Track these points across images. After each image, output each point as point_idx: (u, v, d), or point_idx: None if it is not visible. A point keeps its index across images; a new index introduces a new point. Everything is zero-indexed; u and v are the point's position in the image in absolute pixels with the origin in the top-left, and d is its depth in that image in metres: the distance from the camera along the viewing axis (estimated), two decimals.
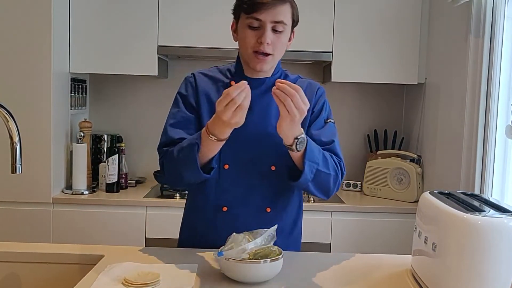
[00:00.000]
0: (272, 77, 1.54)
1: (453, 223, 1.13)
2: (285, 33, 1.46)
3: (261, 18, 1.41)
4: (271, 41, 1.43)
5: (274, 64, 1.53)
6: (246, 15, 1.44)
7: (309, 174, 1.41)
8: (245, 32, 1.45)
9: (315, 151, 1.41)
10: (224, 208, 1.53)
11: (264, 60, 1.46)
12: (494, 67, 2.10)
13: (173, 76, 3.13)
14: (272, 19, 1.42)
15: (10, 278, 1.47)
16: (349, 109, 3.20)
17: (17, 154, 1.31)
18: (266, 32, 1.42)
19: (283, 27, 1.44)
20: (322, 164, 1.43)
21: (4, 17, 2.52)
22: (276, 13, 1.41)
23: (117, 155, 2.75)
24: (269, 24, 1.42)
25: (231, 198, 1.52)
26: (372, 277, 1.36)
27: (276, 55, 1.48)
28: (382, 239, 2.62)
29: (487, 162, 2.12)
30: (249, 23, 1.44)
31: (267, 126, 1.49)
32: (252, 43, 1.44)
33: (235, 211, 1.52)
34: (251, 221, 1.48)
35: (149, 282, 1.21)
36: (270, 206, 1.54)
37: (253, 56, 1.46)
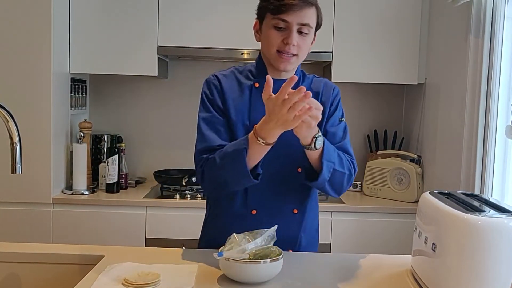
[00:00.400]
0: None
1: (453, 223, 1.13)
2: (310, 36, 1.49)
3: (288, 19, 1.43)
4: (296, 43, 1.45)
5: (297, 65, 1.55)
6: (273, 16, 1.45)
7: (326, 174, 1.42)
8: (270, 33, 1.46)
9: (331, 151, 1.43)
10: (253, 211, 1.52)
11: (288, 60, 1.48)
12: (494, 67, 2.10)
13: (173, 77, 3.13)
14: (298, 21, 1.43)
15: (10, 279, 1.47)
16: (349, 109, 3.19)
17: (17, 154, 1.31)
18: (292, 33, 1.44)
19: (308, 30, 1.46)
20: (338, 163, 1.45)
21: (4, 17, 2.52)
22: (303, 15, 1.43)
23: (117, 155, 2.75)
24: (295, 26, 1.44)
25: (259, 201, 1.52)
26: (372, 277, 1.36)
27: (300, 57, 1.50)
28: (382, 239, 2.62)
29: (487, 162, 2.12)
30: (275, 23, 1.45)
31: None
32: (277, 43, 1.46)
33: (264, 214, 1.52)
34: (279, 223, 1.44)
35: (149, 283, 1.21)
36: (297, 207, 1.55)
37: (277, 56, 1.47)
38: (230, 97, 1.53)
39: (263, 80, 1.44)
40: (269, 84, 1.30)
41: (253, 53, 2.73)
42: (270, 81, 1.30)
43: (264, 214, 1.52)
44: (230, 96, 1.53)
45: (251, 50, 2.71)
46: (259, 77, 1.54)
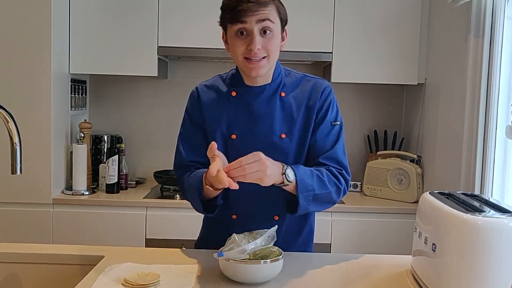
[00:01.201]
0: (273, 82, 1.50)
1: (453, 223, 1.13)
2: (275, 34, 1.42)
3: (246, 25, 1.38)
4: (261, 46, 1.39)
5: (270, 68, 1.47)
6: (232, 24, 1.40)
7: (305, 204, 1.39)
8: (234, 41, 1.41)
9: (306, 180, 1.37)
10: (234, 216, 1.52)
11: (257, 65, 1.41)
12: (494, 67, 2.10)
13: (173, 77, 3.13)
14: (257, 23, 1.38)
15: (11, 279, 1.47)
16: (349, 110, 3.20)
17: (17, 154, 1.31)
18: (254, 38, 1.38)
19: (270, 28, 1.39)
20: (318, 187, 1.40)
21: (4, 17, 2.52)
22: (260, 17, 1.37)
23: (117, 155, 2.75)
24: (256, 29, 1.38)
25: (240, 206, 1.51)
26: (372, 278, 1.36)
27: (270, 58, 1.43)
28: (382, 240, 2.62)
29: (487, 163, 2.12)
30: (236, 31, 1.40)
31: (272, 134, 1.47)
32: (242, 50, 1.40)
33: (245, 219, 1.51)
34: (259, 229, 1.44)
35: (149, 283, 1.21)
36: (278, 214, 1.52)
37: (246, 63, 1.41)
38: (209, 108, 1.52)
39: (240, 89, 1.48)
40: (212, 148, 1.29)
41: None
42: (213, 145, 1.29)
43: (244, 220, 1.51)
44: (208, 107, 1.52)
45: None
46: (236, 85, 1.52)
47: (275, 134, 1.46)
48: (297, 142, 1.49)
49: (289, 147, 1.48)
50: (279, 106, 1.49)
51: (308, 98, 1.50)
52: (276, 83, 1.50)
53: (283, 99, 1.49)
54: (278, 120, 1.47)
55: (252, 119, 1.46)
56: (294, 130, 1.48)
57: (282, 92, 1.50)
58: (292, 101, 1.50)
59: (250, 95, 1.49)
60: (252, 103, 1.48)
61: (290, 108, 1.49)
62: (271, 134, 1.47)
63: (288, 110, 1.49)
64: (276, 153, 1.40)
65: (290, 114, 1.49)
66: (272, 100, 1.49)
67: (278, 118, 1.47)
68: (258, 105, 1.48)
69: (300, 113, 1.49)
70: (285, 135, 1.47)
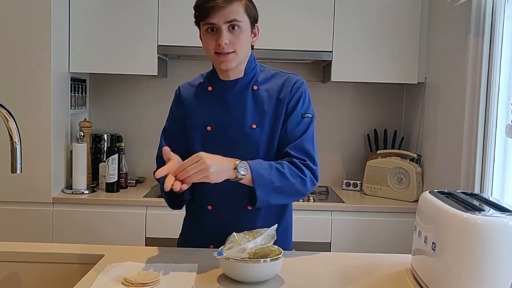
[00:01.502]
0: (245, 76, 1.58)
1: (453, 222, 1.13)
2: (243, 30, 1.50)
3: (214, 21, 1.47)
4: (229, 41, 1.48)
5: (241, 62, 1.55)
6: (202, 22, 1.50)
7: (264, 198, 1.43)
8: (206, 38, 1.52)
9: (263, 173, 1.42)
10: (209, 207, 1.59)
11: (226, 59, 1.50)
12: (494, 67, 2.10)
13: (173, 76, 3.13)
14: (224, 19, 1.46)
15: (11, 278, 1.47)
16: (349, 109, 3.20)
17: (17, 153, 1.31)
18: (222, 33, 1.47)
19: (238, 25, 1.48)
20: (278, 179, 1.44)
21: (4, 17, 2.52)
22: (226, 13, 1.46)
23: (117, 154, 2.75)
24: (224, 25, 1.47)
25: (214, 197, 1.57)
26: (372, 277, 1.36)
27: (239, 53, 1.51)
28: (382, 239, 2.62)
29: (487, 162, 2.12)
30: (206, 28, 1.50)
31: (244, 126, 1.54)
32: (212, 46, 1.50)
33: (219, 210, 1.58)
34: (234, 219, 1.55)
35: (149, 282, 1.22)
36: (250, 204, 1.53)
37: (216, 57, 1.51)
38: (189, 104, 1.62)
39: (215, 84, 1.60)
40: (165, 152, 1.41)
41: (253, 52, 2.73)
42: (166, 149, 1.42)
43: (219, 210, 1.58)
44: (188, 103, 1.62)
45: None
46: (212, 81, 1.62)
47: (246, 125, 1.54)
48: (268, 132, 1.55)
49: (260, 137, 1.54)
50: (251, 99, 1.57)
51: (280, 91, 1.57)
52: (249, 77, 1.58)
53: (255, 92, 1.58)
54: (249, 112, 1.55)
55: (225, 111, 1.55)
56: (265, 121, 1.55)
57: (254, 85, 1.59)
58: (264, 94, 1.57)
59: (224, 89, 1.59)
60: (226, 96, 1.58)
61: (261, 100, 1.57)
62: (242, 125, 1.54)
63: (260, 103, 1.56)
64: (247, 143, 1.52)
65: (261, 106, 1.56)
66: (244, 93, 1.57)
67: (250, 109, 1.55)
68: (231, 98, 1.57)
69: (271, 105, 1.56)
70: (255, 126, 1.54)
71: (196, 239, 1.62)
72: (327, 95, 3.18)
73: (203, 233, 1.61)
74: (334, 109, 3.19)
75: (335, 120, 3.19)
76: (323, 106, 3.17)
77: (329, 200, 2.79)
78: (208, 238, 1.57)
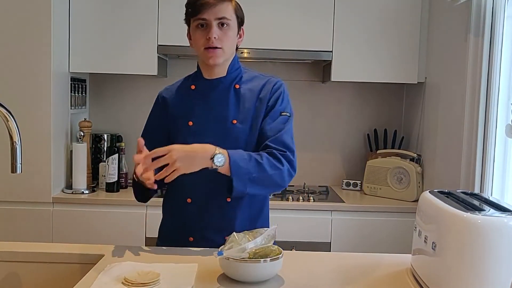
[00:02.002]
0: (228, 75, 1.65)
1: (453, 222, 1.13)
2: (231, 29, 1.59)
3: (205, 17, 1.56)
4: (218, 36, 1.56)
5: (226, 58, 1.62)
6: (193, 18, 1.59)
7: (241, 189, 1.47)
8: (196, 33, 1.60)
9: (241, 163, 1.46)
10: (188, 200, 1.63)
11: (214, 53, 1.57)
12: (494, 67, 2.10)
13: (173, 75, 3.13)
14: (215, 16, 1.55)
15: (11, 278, 1.47)
16: (349, 109, 3.20)
17: (17, 153, 1.31)
18: (212, 28, 1.56)
19: (227, 22, 1.57)
20: (255, 170, 1.48)
21: (4, 17, 2.52)
22: (218, 10, 1.56)
23: (117, 154, 2.75)
24: (214, 21, 1.56)
25: (194, 190, 1.62)
26: (372, 277, 1.36)
27: (225, 49, 1.59)
28: (382, 239, 2.62)
29: (487, 161, 2.12)
30: (197, 24, 1.58)
31: (226, 122, 1.60)
32: (202, 41, 1.58)
33: (199, 202, 1.62)
34: (214, 211, 1.61)
35: (149, 282, 1.22)
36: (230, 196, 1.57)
37: (205, 52, 1.58)
38: (171, 103, 1.69)
39: (199, 83, 1.66)
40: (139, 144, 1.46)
41: (253, 52, 2.73)
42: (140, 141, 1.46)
43: (199, 202, 1.62)
44: (171, 103, 1.69)
45: (251, 49, 2.72)
46: (196, 80, 1.69)
47: (228, 120, 1.61)
48: (248, 128, 1.61)
49: (240, 132, 1.60)
50: (233, 96, 1.64)
51: (261, 90, 1.65)
52: (232, 77, 1.66)
53: (237, 90, 1.65)
54: (231, 108, 1.62)
55: (207, 108, 1.62)
56: (246, 117, 1.62)
57: (236, 84, 1.66)
58: (246, 93, 1.65)
59: (207, 87, 1.66)
60: (208, 93, 1.65)
61: (243, 98, 1.64)
62: (224, 120, 1.61)
63: (241, 100, 1.64)
64: (228, 138, 1.58)
65: (243, 104, 1.63)
66: (227, 91, 1.64)
67: (232, 106, 1.62)
68: (214, 95, 1.64)
69: (252, 103, 1.63)
70: (236, 121, 1.61)
71: (175, 234, 1.66)
72: (327, 95, 3.18)
73: (183, 227, 1.64)
74: (334, 109, 3.19)
75: (335, 120, 3.19)
76: (323, 106, 3.17)
77: (329, 200, 2.79)
78: (188, 232, 1.63)
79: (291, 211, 2.62)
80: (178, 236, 1.64)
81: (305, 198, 2.71)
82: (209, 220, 1.60)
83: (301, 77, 3.17)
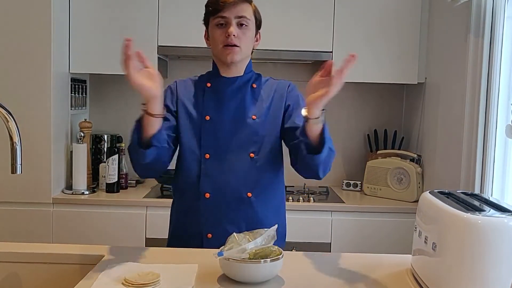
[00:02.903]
0: (244, 75, 1.69)
1: (453, 222, 1.13)
2: (250, 29, 1.63)
3: (225, 15, 1.59)
4: (237, 34, 1.59)
5: (244, 58, 1.66)
6: (213, 17, 1.62)
7: (326, 150, 1.50)
8: (215, 32, 1.62)
9: (327, 129, 1.52)
10: (207, 195, 1.62)
11: (232, 51, 1.60)
12: (494, 67, 2.10)
13: (173, 76, 3.12)
14: (235, 14, 1.59)
15: (10, 279, 1.47)
16: (349, 109, 3.20)
17: (17, 154, 1.31)
18: (231, 26, 1.59)
19: (246, 22, 1.61)
20: (331, 142, 1.54)
21: (4, 17, 2.52)
22: (238, 9, 1.60)
23: (117, 155, 2.75)
24: (234, 20, 1.59)
25: (213, 185, 1.62)
26: (372, 277, 1.36)
27: (243, 48, 1.62)
28: (382, 239, 2.62)
29: (487, 162, 2.12)
30: (217, 22, 1.61)
31: (243, 118, 1.63)
32: (221, 39, 1.61)
33: (217, 197, 1.61)
34: (233, 206, 1.61)
35: (149, 282, 1.21)
36: (250, 191, 1.62)
37: (223, 50, 1.61)
38: (185, 97, 1.69)
39: (214, 80, 1.68)
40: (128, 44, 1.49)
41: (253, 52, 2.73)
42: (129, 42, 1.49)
43: (217, 197, 1.61)
44: (184, 96, 1.69)
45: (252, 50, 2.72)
46: (211, 78, 1.71)
47: (247, 116, 1.64)
48: (268, 124, 1.65)
49: (260, 128, 1.64)
50: (250, 94, 1.68)
51: (276, 90, 1.71)
52: (248, 77, 1.70)
53: (254, 89, 1.69)
54: (249, 104, 1.66)
55: (224, 103, 1.65)
56: (264, 114, 1.65)
57: (253, 84, 1.70)
58: (262, 92, 1.70)
59: (223, 84, 1.68)
60: (224, 90, 1.67)
61: (260, 96, 1.69)
62: (243, 116, 1.64)
63: (259, 97, 1.68)
64: (247, 133, 1.62)
65: (260, 100, 1.68)
66: (243, 89, 1.68)
67: (249, 102, 1.66)
68: (231, 91, 1.67)
69: (269, 100, 1.68)
70: (255, 117, 1.64)
71: (190, 230, 1.65)
72: None
73: (197, 223, 1.62)
74: (334, 109, 3.19)
75: (335, 120, 3.19)
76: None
77: (329, 200, 2.79)
78: (206, 228, 1.61)
79: (291, 211, 2.61)
80: (194, 234, 1.63)
81: (305, 199, 2.71)
82: (228, 216, 1.60)
83: (301, 78, 3.16)
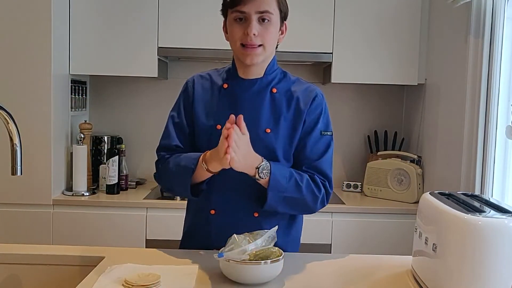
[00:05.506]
0: (265, 77, 1.51)
1: (454, 223, 1.13)
2: (273, 24, 1.44)
3: (245, 10, 1.40)
4: (257, 32, 1.41)
5: (266, 58, 1.49)
6: (231, 10, 1.43)
7: (273, 204, 1.42)
8: (233, 27, 1.44)
9: (281, 180, 1.40)
10: (212, 211, 1.52)
11: (253, 52, 1.43)
12: (494, 68, 2.10)
13: (173, 78, 3.13)
14: (256, 9, 1.40)
15: (11, 280, 1.47)
16: (349, 110, 3.20)
17: (17, 156, 1.31)
18: (251, 23, 1.40)
19: (269, 17, 1.42)
20: (291, 190, 1.42)
21: (4, 18, 2.52)
22: (259, 3, 1.40)
23: (117, 156, 2.75)
24: (254, 15, 1.40)
25: (219, 201, 1.51)
26: (372, 278, 1.36)
27: (266, 47, 1.44)
28: (383, 240, 2.62)
29: (488, 163, 2.12)
30: (235, 16, 1.43)
31: (256, 130, 1.46)
32: (239, 36, 1.42)
33: (223, 214, 1.51)
34: (239, 224, 1.44)
35: (149, 284, 1.21)
36: (257, 210, 1.50)
37: (242, 50, 1.43)
38: (201, 98, 1.54)
39: (232, 82, 1.50)
40: (230, 121, 1.32)
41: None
42: (232, 119, 1.32)
43: (223, 215, 1.51)
44: (200, 98, 1.54)
45: None
46: (229, 78, 1.54)
47: (260, 128, 1.47)
48: (284, 140, 1.49)
49: (273, 143, 1.47)
50: (268, 101, 1.50)
51: (299, 99, 1.51)
52: (269, 79, 1.51)
53: (274, 95, 1.50)
54: (265, 115, 1.48)
55: (239, 112, 1.43)
56: (281, 127, 1.48)
57: (274, 88, 1.51)
58: (283, 99, 1.50)
59: (241, 87, 1.51)
60: (241, 95, 1.50)
61: (280, 105, 1.50)
62: (256, 127, 1.46)
63: (278, 107, 1.50)
64: (259, 147, 1.42)
65: (279, 111, 1.49)
66: (262, 94, 1.50)
67: (266, 113, 1.48)
68: (248, 98, 1.49)
69: (289, 112, 1.50)
70: (270, 130, 1.47)
71: (200, 242, 1.56)
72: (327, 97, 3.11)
73: (206, 237, 1.54)
74: (335, 110, 3.18)
75: (336, 121, 3.16)
76: None
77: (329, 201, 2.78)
78: (211, 244, 1.50)
79: None
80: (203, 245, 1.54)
81: None
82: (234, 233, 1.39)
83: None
